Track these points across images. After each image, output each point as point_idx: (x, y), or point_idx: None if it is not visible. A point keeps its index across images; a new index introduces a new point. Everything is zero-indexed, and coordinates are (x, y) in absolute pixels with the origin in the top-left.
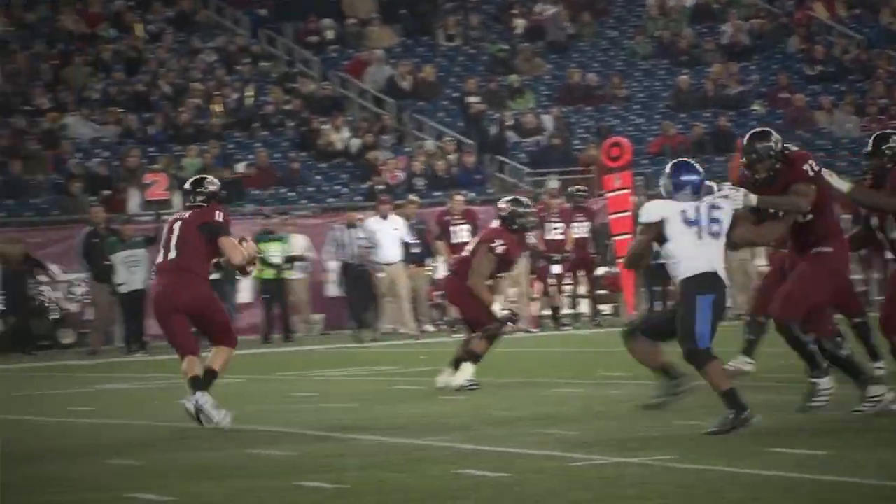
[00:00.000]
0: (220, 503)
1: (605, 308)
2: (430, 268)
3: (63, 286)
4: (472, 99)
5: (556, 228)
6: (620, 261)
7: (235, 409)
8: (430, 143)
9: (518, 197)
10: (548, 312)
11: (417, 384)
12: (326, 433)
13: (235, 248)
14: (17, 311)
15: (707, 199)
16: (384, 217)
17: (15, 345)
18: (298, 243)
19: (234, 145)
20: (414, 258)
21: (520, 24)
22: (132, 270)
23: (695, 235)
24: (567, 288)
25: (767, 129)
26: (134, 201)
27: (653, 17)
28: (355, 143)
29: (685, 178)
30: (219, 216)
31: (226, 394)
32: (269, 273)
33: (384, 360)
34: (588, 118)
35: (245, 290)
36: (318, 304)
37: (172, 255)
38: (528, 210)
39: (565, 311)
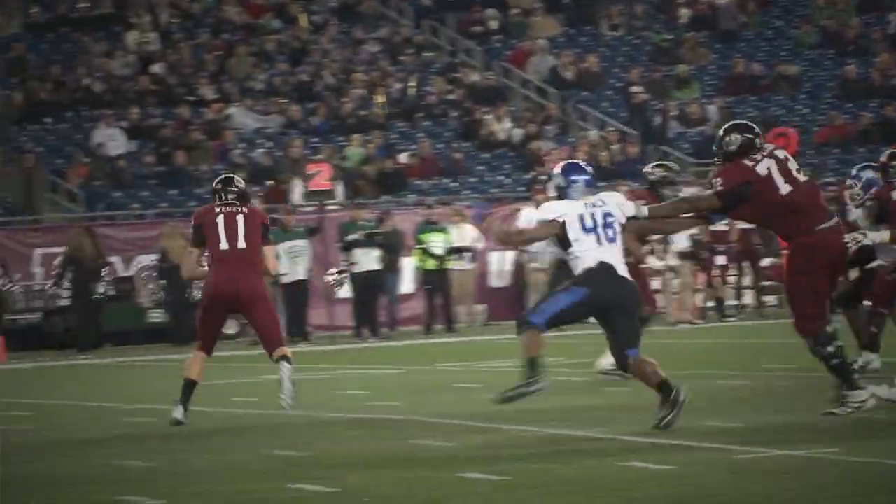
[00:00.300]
0: (382, 494)
1: (770, 299)
2: None
3: None
4: (635, 89)
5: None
6: (784, 251)
7: (397, 399)
8: (593, 134)
9: (665, 162)
10: (712, 304)
11: (579, 375)
12: (488, 424)
13: (274, 257)
14: (175, 303)
15: (599, 203)
16: (538, 207)
17: (176, 335)
18: (468, 234)
19: (398, 135)
20: None
21: (684, 13)
22: (295, 261)
23: (595, 242)
24: (731, 279)
25: (744, 123)
26: (297, 192)
27: (819, 6)
28: (518, 133)
29: (575, 177)
30: (268, 222)
31: (388, 385)
32: (432, 264)
33: (546, 351)
34: (753, 108)
35: (407, 281)
36: (480, 295)
37: (242, 246)
38: (677, 172)
39: (729, 302)
